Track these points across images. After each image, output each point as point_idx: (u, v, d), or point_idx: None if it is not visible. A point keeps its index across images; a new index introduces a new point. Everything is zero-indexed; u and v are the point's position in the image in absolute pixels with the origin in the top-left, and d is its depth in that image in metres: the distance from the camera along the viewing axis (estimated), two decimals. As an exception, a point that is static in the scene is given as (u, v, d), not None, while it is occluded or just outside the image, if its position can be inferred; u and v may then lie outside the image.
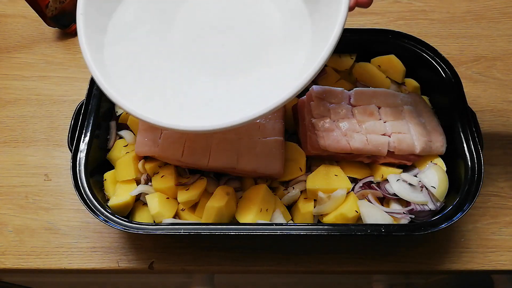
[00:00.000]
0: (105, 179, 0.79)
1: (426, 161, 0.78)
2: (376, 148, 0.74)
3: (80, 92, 0.97)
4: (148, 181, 0.79)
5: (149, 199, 0.76)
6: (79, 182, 0.72)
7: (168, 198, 0.76)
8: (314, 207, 0.75)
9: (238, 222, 0.73)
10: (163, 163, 0.79)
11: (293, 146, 0.80)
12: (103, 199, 0.75)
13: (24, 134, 0.93)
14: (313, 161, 0.81)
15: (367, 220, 0.72)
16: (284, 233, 0.67)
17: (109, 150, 0.83)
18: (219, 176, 0.80)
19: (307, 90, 0.81)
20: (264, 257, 0.79)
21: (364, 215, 0.73)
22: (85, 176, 0.72)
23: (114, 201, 0.75)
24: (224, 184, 0.78)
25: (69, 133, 0.79)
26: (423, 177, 0.75)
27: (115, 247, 0.80)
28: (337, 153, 0.75)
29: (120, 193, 0.77)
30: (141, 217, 0.77)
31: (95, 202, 0.71)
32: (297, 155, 0.79)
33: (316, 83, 0.90)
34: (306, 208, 0.75)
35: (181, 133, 0.75)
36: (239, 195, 0.78)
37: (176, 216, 0.77)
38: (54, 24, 1.04)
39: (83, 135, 0.76)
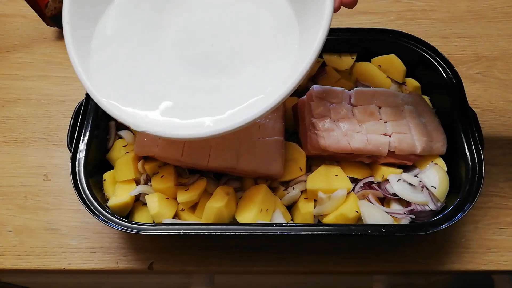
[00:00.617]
0: (105, 179, 0.79)
1: (426, 161, 0.77)
2: (376, 148, 0.74)
3: (80, 92, 0.97)
4: (147, 181, 0.79)
5: (148, 199, 0.76)
6: (78, 182, 0.72)
7: (167, 198, 0.76)
8: (314, 207, 0.75)
9: (238, 222, 0.73)
10: (162, 163, 0.78)
11: (293, 146, 0.80)
12: (102, 199, 0.74)
13: (23, 134, 0.92)
14: (313, 161, 0.81)
15: (368, 221, 0.72)
16: (284, 233, 0.67)
17: (108, 150, 0.83)
18: (219, 176, 0.80)
19: (307, 90, 0.81)
20: (264, 258, 0.78)
21: (364, 215, 0.72)
22: (84, 176, 0.72)
23: (114, 201, 0.75)
24: (224, 184, 0.78)
25: (68, 133, 0.79)
26: (423, 177, 0.75)
27: (114, 247, 0.80)
28: (337, 153, 0.75)
29: (119, 193, 0.76)
30: (141, 217, 0.77)
31: (94, 202, 0.70)
32: (297, 155, 0.79)
33: (316, 82, 0.90)
34: (306, 208, 0.75)
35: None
36: (239, 195, 0.77)
37: (175, 216, 0.77)
38: (54, 24, 1.04)
39: (82, 135, 0.76)
